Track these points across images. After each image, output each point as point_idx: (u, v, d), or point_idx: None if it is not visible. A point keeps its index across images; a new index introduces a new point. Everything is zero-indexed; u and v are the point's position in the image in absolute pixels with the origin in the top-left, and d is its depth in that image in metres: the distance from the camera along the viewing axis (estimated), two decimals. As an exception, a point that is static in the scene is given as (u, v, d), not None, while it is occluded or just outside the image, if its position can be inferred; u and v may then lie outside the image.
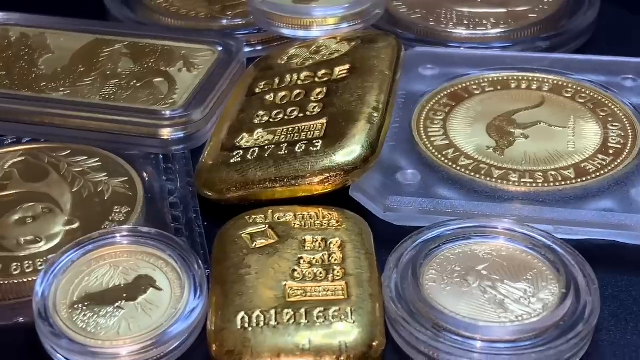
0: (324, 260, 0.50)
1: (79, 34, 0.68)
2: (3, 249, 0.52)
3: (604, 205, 0.53)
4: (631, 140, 0.57)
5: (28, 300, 0.49)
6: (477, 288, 0.48)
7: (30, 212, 0.54)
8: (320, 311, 0.47)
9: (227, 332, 0.46)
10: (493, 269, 0.49)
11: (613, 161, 0.56)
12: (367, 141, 0.54)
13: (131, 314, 0.47)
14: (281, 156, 0.55)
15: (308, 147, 0.54)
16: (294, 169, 0.54)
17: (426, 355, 0.46)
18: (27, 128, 0.61)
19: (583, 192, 0.53)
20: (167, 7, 0.73)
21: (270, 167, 0.54)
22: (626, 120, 0.59)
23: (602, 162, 0.56)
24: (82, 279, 0.49)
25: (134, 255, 0.50)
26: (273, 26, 0.66)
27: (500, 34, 0.69)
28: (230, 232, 0.52)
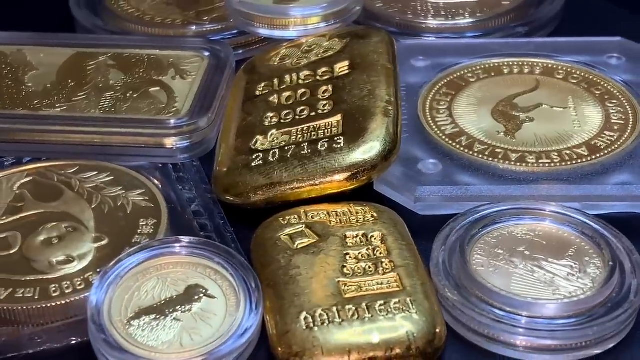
0: (370, 254, 0.50)
1: (58, 48, 0.67)
2: (36, 272, 0.51)
3: (622, 178, 0.55)
4: (631, 116, 0.59)
5: (75, 321, 0.48)
6: (524, 268, 0.49)
7: (55, 233, 0.53)
8: (381, 304, 0.47)
9: (293, 333, 0.46)
10: (534, 249, 0.50)
11: (620, 137, 0.58)
12: (389, 134, 0.55)
13: (190, 325, 0.47)
14: (305, 155, 0.55)
15: (331, 145, 0.55)
16: (321, 168, 0.54)
17: (488, 337, 0.47)
18: (27, 147, 0.59)
19: (601, 168, 0.55)
20: (140, 15, 0.72)
21: (295, 168, 0.54)
22: (622, 97, 0.61)
23: (611, 138, 0.57)
24: (132, 294, 0.48)
25: (181, 266, 0.50)
26: (252, 27, 0.66)
27: (476, 22, 0.70)
28: (267, 235, 0.52)
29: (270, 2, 0.67)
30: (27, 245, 0.52)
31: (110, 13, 0.72)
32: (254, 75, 0.64)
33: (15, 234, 0.53)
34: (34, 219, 0.54)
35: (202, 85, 0.62)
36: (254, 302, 0.47)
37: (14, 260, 0.51)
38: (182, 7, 0.72)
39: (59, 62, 0.65)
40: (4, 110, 0.60)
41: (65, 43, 0.67)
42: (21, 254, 0.52)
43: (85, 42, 0.67)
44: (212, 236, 0.54)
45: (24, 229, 0.53)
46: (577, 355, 0.47)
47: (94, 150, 0.59)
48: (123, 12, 0.72)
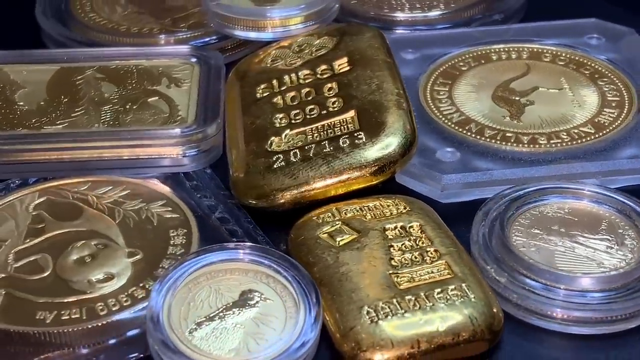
0: (413, 245, 0.51)
1: (40, 65, 0.65)
2: (77, 292, 0.50)
3: (632, 152, 0.57)
4: (625, 92, 0.62)
5: (130, 337, 0.48)
6: (564, 245, 0.51)
7: (86, 251, 0.52)
8: (439, 292, 0.48)
9: (358, 329, 0.47)
10: (568, 226, 0.52)
11: (620, 113, 0.60)
12: (407, 126, 0.55)
13: (253, 330, 0.47)
14: (329, 153, 0.55)
15: (353, 141, 0.55)
16: (347, 164, 0.54)
17: (540, 314, 0.48)
18: (32, 167, 0.58)
19: (611, 144, 0.57)
20: (114, 26, 0.70)
21: (321, 166, 0.54)
22: (611, 75, 0.63)
23: (612, 115, 0.60)
24: (188, 304, 0.48)
25: (230, 272, 0.49)
26: (229, 29, 0.66)
27: (450, 13, 0.71)
28: (304, 235, 0.52)
29: (248, 4, 0.66)
30: (60, 266, 0.51)
31: (79, 24, 0.71)
32: (247, 78, 0.63)
33: (44, 256, 0.52)
34: (59, 239, 0.53)
35: (200, 92, 0.61)
36: (312, 301, 0.47)
37: (49, 282, 0.50)
38: (155, 15, 0.71)
39: (45, 78, 0.64)
40: (3, 132, 0.58)
41: (45, 59, 0.66)
42: (55, 275, 0.51)
43: (67, 57, 0.66)
44: (244, 241, 0.53)
45: (52, 250, 0.52)
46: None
47: (102, 164, 0.58)
48: (95, 23, 0.71)
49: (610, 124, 0.59)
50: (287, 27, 0.66)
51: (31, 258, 0.52)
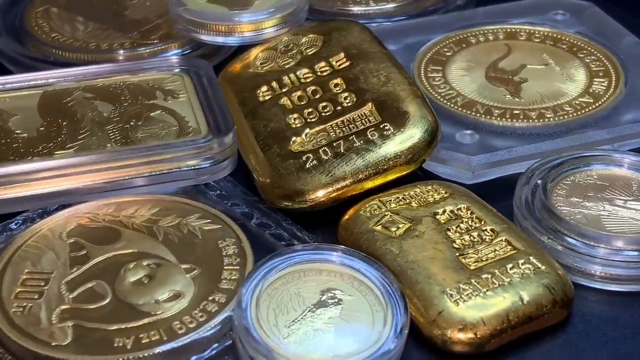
0: (468, 227, 0.52)
1: (20, 91, 0.63)
2: (148, 314, 0.49)
3: (631, 116, 0.60)
4: (608, 62, 0.65)
5: (214, 353, 0.47)
6: (606, 209, 0.53)
7: (140, 272, 0.51)
8: (511, 268, 0.49)
9: (447, 312, 0.48)
10: (602, 191, 0.54)
11: (611, 81, 0.63)
12: (429, 113, 0.57)
13: (343, 327, 0.47)
14: (360, 147, 0.55)
15: (381, 133, 0.56)
16: (381, 156, 0.55)
17: (599, 277, 0.51)
18: (50, 195, 0.56)
19: (613, 111, 0.60)
20: (82, 44, 0.69)
21: (356, 160, 0.55)
22: (589, 47, 0.66)
23: (604, 84, 0.63)
24: (274, 312, 0.47)
25: (306, 273, 0.49)
26: (197, 34, 0.66)
27: (410, 3, 0.73)
28: (356, 230, 0.53)
29: (217, 8, 0.66)
30: (120, 291, 0.50)
31: (39, 43, 0.69)
32: (241, 84, 0.63)
33: (99, 283, 0.50)
34: (107, 264, 0.52)
35: (202, 101, 0.61)
36: (398, 295, 0.47)
37: (114, 308, 0.49)
38: (121, 30, 0.70)
39: (32, 103, 0.61)
40: (14, 163, 0.56)
41: (25, 84, 0.63)
42: (118, 300, 0.49)
43: (49, 80, 0.63)
44: (293, 243, 0.53)
45: (104, 276, 0.51)
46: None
47: (122, 184, 0.56)
48: (60, 43, 0.69)
49: (605, 92, 0.61)
50: (257, 31, 0.66)
51: (86, 286, 0.50)
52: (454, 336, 0.47)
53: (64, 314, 0.48)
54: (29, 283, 0.50)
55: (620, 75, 0.63)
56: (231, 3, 0.67)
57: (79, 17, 0.72)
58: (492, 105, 0.61)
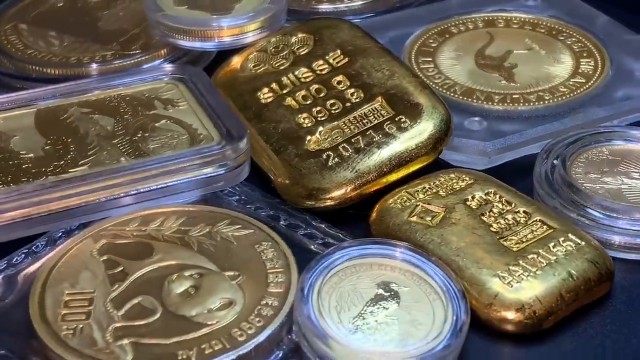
0: (501, 210, 0.53)
1: (12, 111, 0.61)
2: (204, 325, 0.48)
3: (626, 92, 0.62)
4: (589, 43, 0.67)
5: (282, 357, 0.47)
6: (625, 183, 0.55)
7: (185, 283, 0.50)
8: (554, 246, 0.51)
9: (502, 295, 0.49)
10: (617, 165, 0.56)
11: (596, 61, 0.65)
12: (440, 103, 0.58)
13: (406, 318, 0.47)
14: (380, 141, 0.56)
15: (399, 125, 0.57)
16: (403, 148, 0.56)
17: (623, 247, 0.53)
18: (70, 214, 0.54)
19: (604, 90, 0.63)
20: (62, 59, 0.67)
21: (378, 154, 0.56)
22: (567, 30, 0.69)
23: (591, 64, 0.65)
24: (335, 309, 0.48)
25: (356, 270, 0.50)
26: (174, 39, 0.66)
27: (371, 3, 0.74)
28: (390, 222, 0.53)
29: (196, 14, 0.66)
30: (169, 304, 0.49)
31: (13, 59, 0.67)
32: (236, 88, 0.63)
33: (146, 298, 0.49)
34: (148, 278, 0.51)
35: (205, 108, 0.60)
36: (459, 293, 0.48)
37: (167, 321, 0.48)
38: (98, 42, 0.68)
39: (28, 123, 0.60)
40: (29, 183, 0.54)
41: (15, 104, 0.61)
42: (169, 313, 0.49)
43: (37, 97, 0.62)
44: (328, 241, 0.54)
45: (148, 290, 0.50)
46: None
47: (141, 197, 0.55)
48: (37, 59, 0.67)
49: (594, 72, 0.64)
50: (237, 36, 0.66)
51: (133, 302, 0.49)
52: (513, 318, 0.48)
53: (117, 332, 0.47)
54: (73, 304, 0.49)
55: (604, 54, 0.65)
56: (212, 8, 0.67)
57: (51, 32, 0.70)
58: (491, 91, 0.62)
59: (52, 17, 0.72)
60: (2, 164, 0.56)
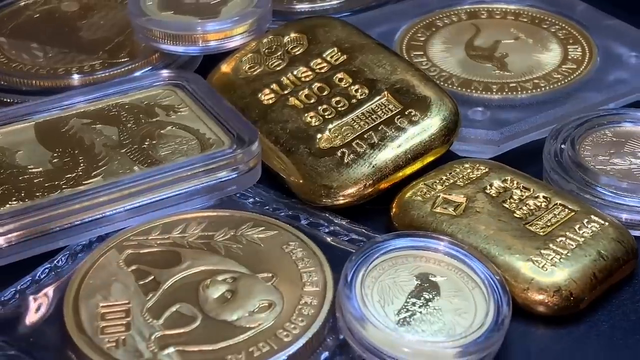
0: (521, 196, 0.54)
1: (9, 126, 0.60)
2: (247, 328, 0.48)
3: (617, 75, 0.64)
4: (573, 30, 0.69)
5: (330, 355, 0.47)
6: (634, 163, 0.57)
7: (221, 288, 0.50)
8: (579, 228, 0.52)
9: (537, 279, 0.49)
10: (622, 146, 0.58)
11: (583, 47, 0.67)
12: (445, 95, 0.59)
13: (450, 307, 0.48)
14: (394, 135, 0.57)
15: (410, 119, 0.57)
16: (417, 140, 0.57)
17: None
18: (89, 226, 0.54)
19: (596, 74, 0.64)
20: (50, 70, 0.66)
21: (393, 148, 0.56)
22: (548, 18, 0.70)
23: (578, 51, 0.66)
24: (379, 303, 0.48)
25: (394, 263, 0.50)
26: (158, 43, 0.65)
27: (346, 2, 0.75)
28: (414, 215, 0.54)
29: (178, 18, 0.66)
30: (208, 310, 0.49)
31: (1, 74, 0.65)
32: (234, 92, 0.62)
33: (184, 305, 0.49)
34: (181, 286, 0.50)
35: (208, 112, 0.60)
36: (500, 288, 0.49)
37: (209, 327, 0.48)
38: (83, 52, 0.68)
39: (28, 137, 0.59)
40: (42, 199, 0.53)
41: (9, 118, 0.60)
42: (210, 319, 0.48)
43: (33, 110, 0.61)
44: (353, 237, 0.54)
45: (183, 297, 0.49)
46: None
47: (159, 205, 0.55)
48: (24, 72, 0.66)
49: (583, 57, 0.65)
50: (222, 40, 0.65)
51: (171, 311, 0.49)
52: (551, 300, 0.49)
53: (160, 341, 0.47)
54: (109, 317, 0.48)
55: (589, 40, 0.67)
56: (198, 13, 0.66)
57: (33, 44, 0.68)
58: (487, 81, 0.63)
59: (31, 29, 0.70)
60: (12, 179, 0.55)
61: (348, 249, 0.53)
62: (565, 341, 0.48)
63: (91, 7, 0.73)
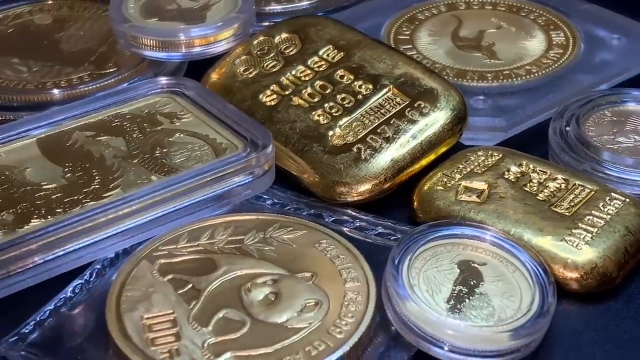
0: (539, 179, 0.55)
1: (11, 144, 0.59)
2: (299, 329, 0.48)
3: (604, 58, 0.66)
4: (551, 16, 0.70)
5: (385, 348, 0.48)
6: (638, 141, 0.58)
7: (264, 290, 0.50)
8: (603, 205, 0.53)
9: (573, 258, 0.51)
10: (623, 125, 0.60)
11: (565, 32, 0.68)
12: (450, 86, 0.60)
13: (496, 291, 0.49)
14: (407, 128, 0.57)
15: (420, 110, 0.58)
16: (431, 131, 0.57)
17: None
18: (116, 238, 0.53)
19: (584, 57, 0.66)
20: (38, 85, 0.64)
21: (409, 141, 0.57)
22: (528, 6, 0.72)
23: (561, 36, 0.68)
24: (428, 294, 0.49)
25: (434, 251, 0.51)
26: (140, 49, 0.65)
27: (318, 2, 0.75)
28: (439, 206, 0.54)
29: (163, 24, 0.65)
30: (255, 313, 0.49)
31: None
32: (233, 95, 0.62)
33: (231, 311, 0.49)
34: (221, 292, 0.50)
35: (213, 117, 0.60)
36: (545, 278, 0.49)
37: (260, 331, 0.48)
38: (70, 64, 0.66)
39: (33, 153, 0.58)
40: (65, 215, 0.52)
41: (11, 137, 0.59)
42: (259, 322, 0.48)
43: (31, 126, 0.60)
44: (381, 231, 0.54)
45: (227, 303, 0.49)
46: None
47: (181, 213, 0.54)
48: (11, 87, 0.64)
49: (567, 42, 0.67)
50: (204, 45, 0.65)
51: (217, 317, 0.48)
52: (589, 278, 0.50)
53: (215, 348, 0.47)
54: (156, 328, 0.48)
55: (569, 25, 0.69)
56: (182, 18, 0.66)
57: (14, 59, 0.67)
58: (481, 70, 0.64)
59: (8, 44, 0.69)
60: (27, 197, 0.53)
61: (378, 243, 0.53)
62: (606, 317, 0.50)
63: (65, 19, 0.71)
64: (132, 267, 0.51)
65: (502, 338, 0.46)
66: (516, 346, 0.46)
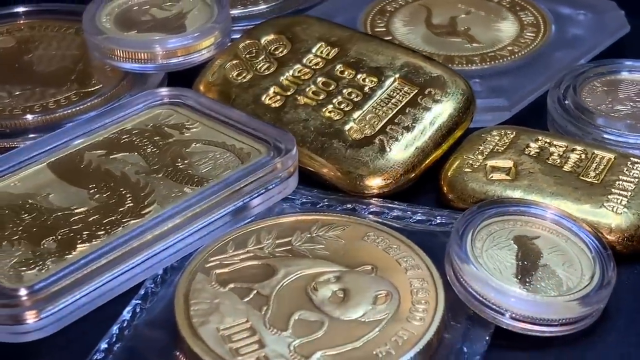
0: (560, 153, 0.57)
1: (22, 172, 0.57)
2: (377, 321, 0.48)
3: (575, 32, 0.69)
4: (524, 1, 0.73)
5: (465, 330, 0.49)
6: (635, 107, 0.61)
7: (330, 287, 0.50)
8: (627, 170, 0.55)
9: (619, 223, 0.53)
10: (616, 94, 0.62)
11: (533, 12, 0.71)
12: (452, 71, 0.61)
13: (558, 261, 0.50)
14: (423, 115, 0.58)
15: (432, 98, 0.59)
16: (447, 117, 0.58)
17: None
18: (166, 253, 0.52)
19: (560, 34, 0.69)
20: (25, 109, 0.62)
21: (429, 127, 0.58)
22: (493, -8, 0.74)
23: (530, 16, 0.71)
24: (496, 271, 0.50)
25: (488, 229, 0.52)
26: (114, 61, 0.64)
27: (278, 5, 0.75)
28: (475, 186, 0.56)
29: (139, 36, 0.65)
30: (330, 311, 0.49)
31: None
32: (233, 101, 0.62)
33: (305, 312, 0.49)
34: (287, 294, 0.50)
35: (224, 124, 0.59)
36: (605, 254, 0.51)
37: (340, 328, 0.48)
38: (51, 86, 0.64)
39: (48, 178, 0.56)
40: (109, 237, 0.51)
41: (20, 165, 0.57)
42: (336, 320, 0.48)
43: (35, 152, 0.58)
44: (420, 218, 0.55)
45: (297, 304, 0.49)
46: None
47: (219, 222, 0.54)
48: (0, 115, 0.62)
49: (538, 21, 0.69)
50: (186, 56, 0.65)
51: (294, 318, 0.48)
52: (634, 239, 0.52)
53: (302, 350, 0.46)
54: (236, 337, 0.47)
55: (534, 5, 0.71)
56: (158, 29, 0.65)
57: (-13, 86, 0.64)
58: (468, 54, 0.66)
59: (-27, 71, 0.66)
60: (62, 223, 0.52)
61: (421, 230, 0.54)
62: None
63: (28, 39, 0.69)
64: (188, 281, 0.50)
65: (573, 306, 0.47)
66: (587, 313, 0.47)
